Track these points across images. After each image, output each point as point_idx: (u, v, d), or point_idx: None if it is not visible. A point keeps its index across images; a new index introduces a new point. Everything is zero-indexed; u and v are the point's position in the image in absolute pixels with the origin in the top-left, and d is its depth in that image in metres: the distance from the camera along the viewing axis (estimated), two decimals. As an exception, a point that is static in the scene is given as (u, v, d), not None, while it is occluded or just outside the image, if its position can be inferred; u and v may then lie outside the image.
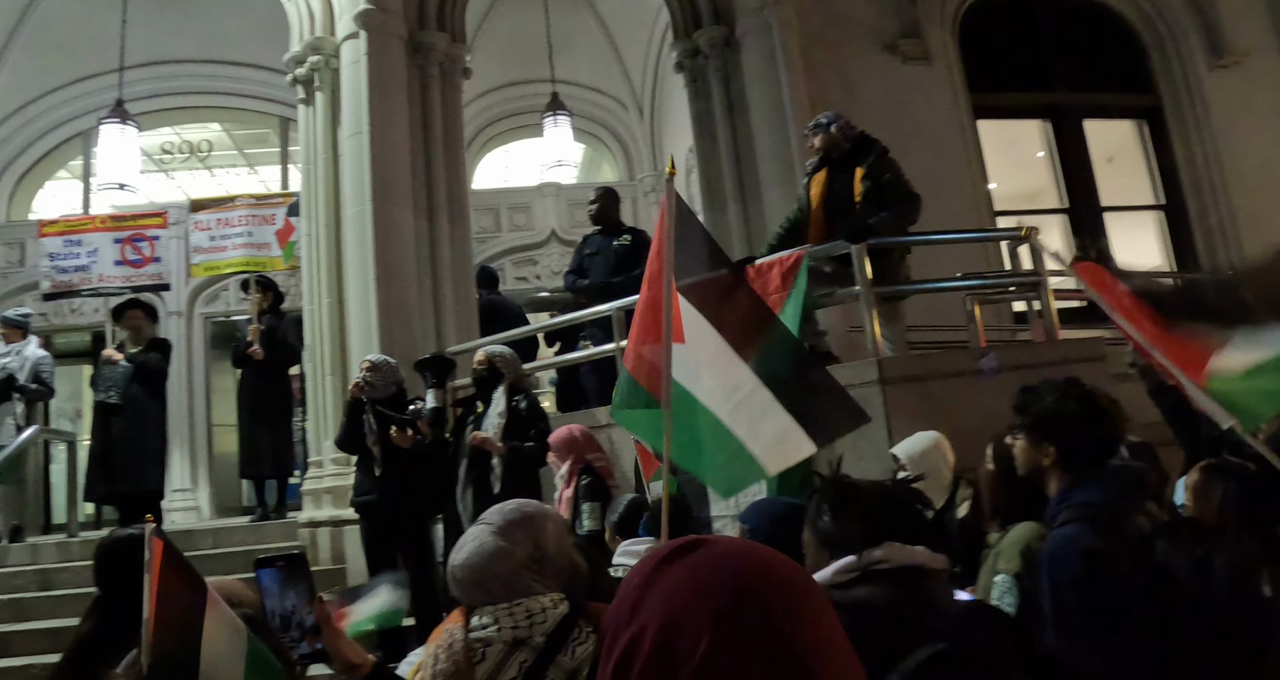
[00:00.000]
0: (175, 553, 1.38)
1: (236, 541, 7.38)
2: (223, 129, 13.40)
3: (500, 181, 13.23)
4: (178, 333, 11.24)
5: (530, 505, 2.07)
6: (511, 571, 1.89)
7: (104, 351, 7.78)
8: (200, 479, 11.57)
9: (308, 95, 7.99)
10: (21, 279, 11.92)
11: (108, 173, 9.69)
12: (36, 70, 11.96)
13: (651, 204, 12.79)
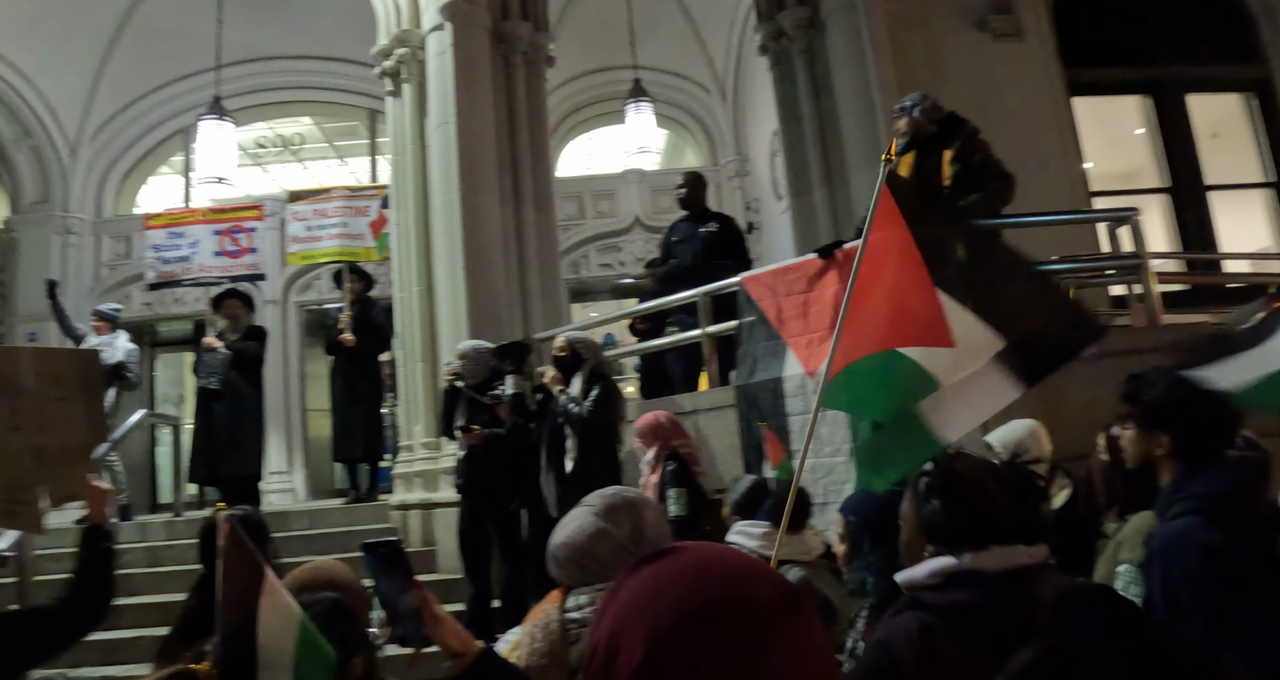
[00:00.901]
0: (238, 535, 1.42)
1: (330, 523, 7.60)
2: (314, 122, 13.74)
3: (584, 169, 13.29)
4: (273, 321, 11.59)
5: (632, 491, 2.07)
6: (610, 553, 1.90)
7: (204, 339, 8.07)
8: (296, 462, 11.92)
9: (395, 87, 8.13)
10: (128, 270, 12.46)
11: (206, 167, 10.02)
12: (138, 72, 12.45)
13: (736, 189, 12.71)
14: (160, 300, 11.84)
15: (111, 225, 12.90)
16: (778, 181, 10.69)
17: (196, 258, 8.66)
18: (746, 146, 12.74)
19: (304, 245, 8.63)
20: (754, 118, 12.14)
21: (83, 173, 12.90)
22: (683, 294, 6.49)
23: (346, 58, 11.95)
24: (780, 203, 10.48)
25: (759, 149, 12.09)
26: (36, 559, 6.03)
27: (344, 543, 6.83)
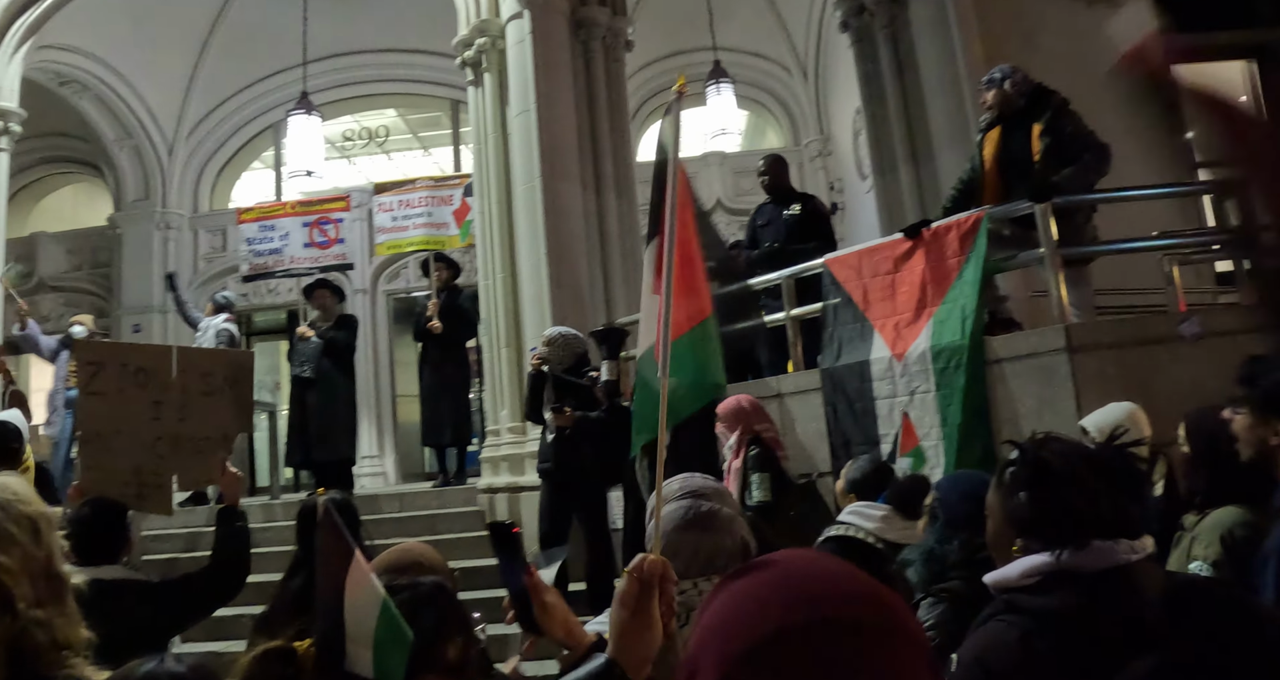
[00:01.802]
0: (331, 518, 1.48)
1: (420, 505, 7.77)
2: (398, 114, 13.98)
3: (664, 153, 13.25)
4: (363, 309, 11.86)
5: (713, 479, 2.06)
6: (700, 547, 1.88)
7: (297, 329, 8.32)
8: (387, 446, 12.21)
9: (476, 77, 8.21)
10: (224, 263, 12.92)
11: (296, 161, 10.30)
12: (229, 71, 12.85)
13: (818, 169, 12.53)
14: (255, 291, 12.23)
15: (208, 219, 13.38)
16: (861, 160, 10.49)
17: (287, 249, 8.92)
18: (829, 125, 12.53)
19: (390, 235, 8.81)
20: (836, 96, 11.93)
21: (180, 170, 13.38)
22: (766, 277, 6.42)
23: (428, 50, 12.13)
24: (864, 182, 10.29)
25: (842, 128, 11.89)
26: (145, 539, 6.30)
27: (433, 525, 6.98)
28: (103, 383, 3.45)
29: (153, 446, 3.35)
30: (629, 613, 1.37)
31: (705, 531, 1.91)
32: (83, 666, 1.75)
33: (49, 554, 1.83)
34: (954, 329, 4.73)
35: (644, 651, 1.36)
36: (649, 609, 1.38)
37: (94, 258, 13.47)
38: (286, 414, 9.04)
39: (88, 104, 12.66)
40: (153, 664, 1.45)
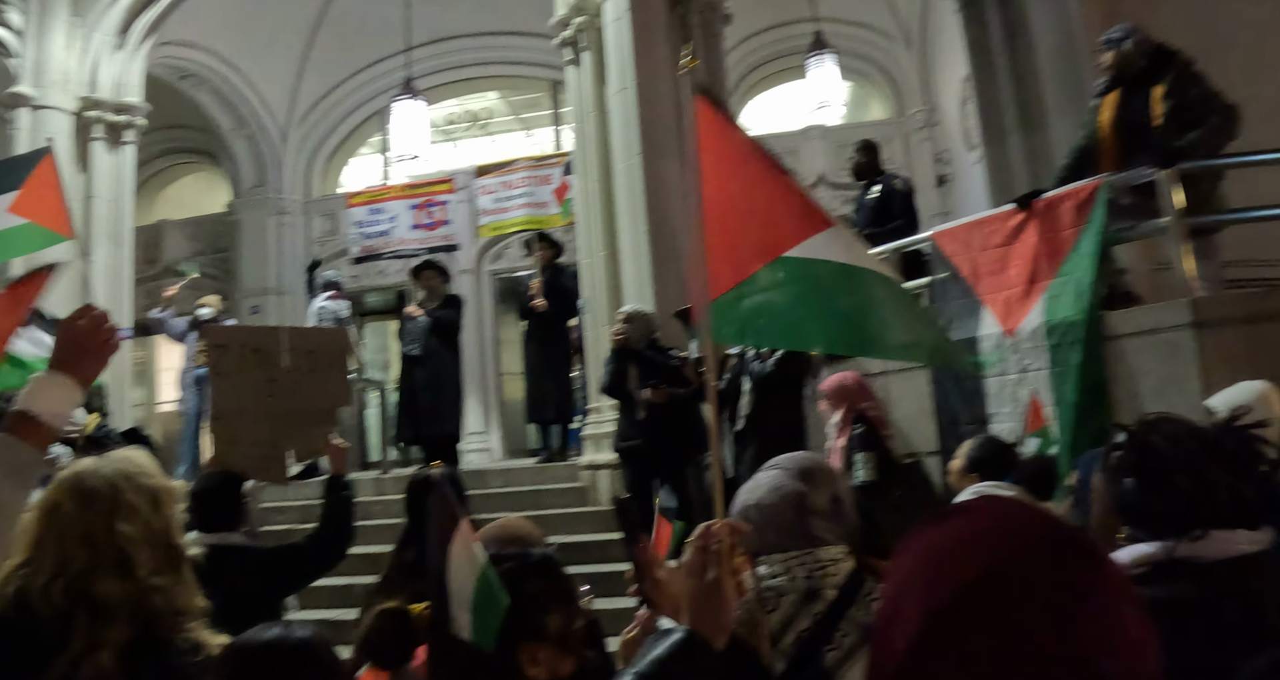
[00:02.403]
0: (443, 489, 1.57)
1: (524, 481, 7.90)
2: (499, 96, 14.16)
3: (765, 128, 13.06)
4: (468, 289, 12.07)
5: (820, 457, 2.02)
6: (806, 518, 1.86)
7: (406, 308, 8.56)
8: (492, 423, 12.45)
9: (574, 56, 8.23)
10: (335, 246, 13.32)
11: (402, 145, 10.52)
12: (336, 60, 13.21)
13: (924, 140, 12.17)
14: (365, 272, 12.58)
15: (319, 204, 13.82)
16: (969, 130, 10.15)
17: (395, 231, 9.17)
18: (935, 95, 12.15)
19: (493, 217, 8.96)
20: (942, 64, 11.56)
21: (292, 157, 13.85)
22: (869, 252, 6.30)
23: (527, 31, 12.20)
24: (972, 153, 9.96)
25: (948, 97, 11.52)
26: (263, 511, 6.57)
27: (536, 501, 7.09)
28: (227, 364, 3.67)
29: (271, 422, 3.56)
30: (699, 582, 1.37)
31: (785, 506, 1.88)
32: (199, 631, 1.85)
33: (167, 525, 1.93)
34: (1069, 304, 4.55)
35: (720, 618, 1.36)
36: (720, 576, 1.38)
37: (214, 243, 14.08)
38: (396, 391, 9.32)
39: (205, 96, 13.19)
40: (275, 631, 1.51)
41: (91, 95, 10.18)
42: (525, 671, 1.48)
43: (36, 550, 1.82)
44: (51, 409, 1.51)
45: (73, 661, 1.73)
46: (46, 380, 1.54)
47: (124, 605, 1.78)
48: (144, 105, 10.60)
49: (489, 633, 1.45)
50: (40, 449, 1.50)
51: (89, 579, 1.78)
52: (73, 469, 1.92)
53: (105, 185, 10.12)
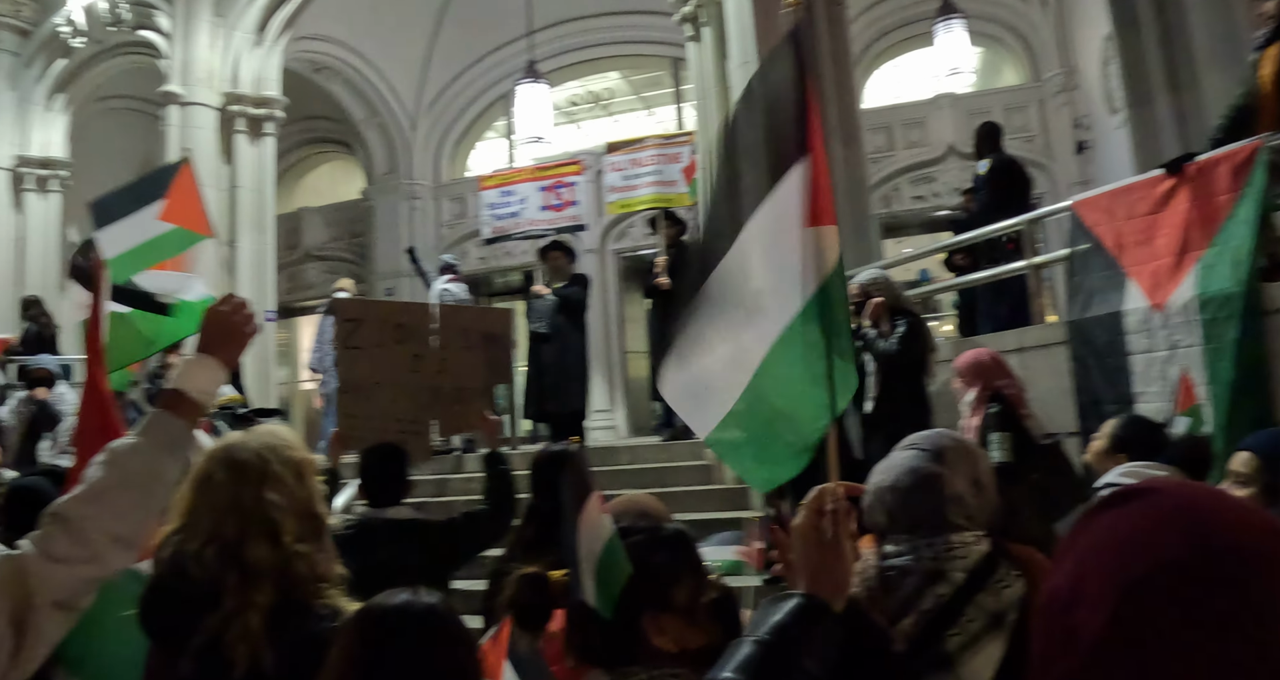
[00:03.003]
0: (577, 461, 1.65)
1: (649, 459, 7.95)
2: (621, 76, 14.20)
3: (891, 98, 12.70)
4: (593, 268, 12.20)
5: (960, 435, 1.96)
6: (941, 501, 1.80)
7: (533, 287, 8.71)
8: (617, 401, 12.59)
9: (695, 32, 8.17)
10: (464, 228, 13.70)
11: (526, 128, 10.69)
12: (462, 47, 13.51)
13: (1062, 105, 11.60)
14: (493, 253, 12.87)
15: (448, 188, 14.20)
16: (1111, 93, 9.62)
17: (525, 213, 9.33)
18: (1073, 57, 11.55)
19: (621, 194, 9.00)
20: (1081, 23, 10.97)
21: (421, 143, 14.26)
22: (1003, 223, 6.07)
23: (647, 9, 12.19)
24: (1115, 116, 9.44)
25: (1088, 58, 10.93)
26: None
27: (661, 478, 7.13)
28: (361, 338, 3.74)
29: (413, 396, 3.61)
30: (814, 546, 1.34)
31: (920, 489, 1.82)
32: (338, 598, 1.95)
33: (310, 495, 2.04)
34: (1224, 275, 4.26)
35: (839, 581, 1.33)
36: (836, 539, 1.35)
37: (350, 228, 14.65)
38: (524, 369, 9.50)
39: (339, 87, 13.70)
40: (404, 597, 1.56)
41: (234, 90, 10.70)
42: (652, 641, 1.50)
43: (190, 517, 1.94)
44: (200, 387, 1.64)
45: (224, 620, 1.85)
46: (195, 362, 1.67)
47: (271, 570, 1.89)
48: (282, 98, 11.08)
49: (609, 600, 1.49)
50: (190, 424, 1.61)
51: (240, 545, 1.90)
52: (222, 443, 2.05)
53: (248, 176, 10.64)
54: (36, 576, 1.36)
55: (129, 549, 1.48)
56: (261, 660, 1.81)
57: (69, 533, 1.40)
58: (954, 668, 1.66)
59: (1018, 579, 1.72)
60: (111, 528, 1.43)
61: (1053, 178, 11.38)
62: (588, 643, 1.58)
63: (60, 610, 1.38)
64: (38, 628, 1.35)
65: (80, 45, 11.61)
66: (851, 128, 7.85)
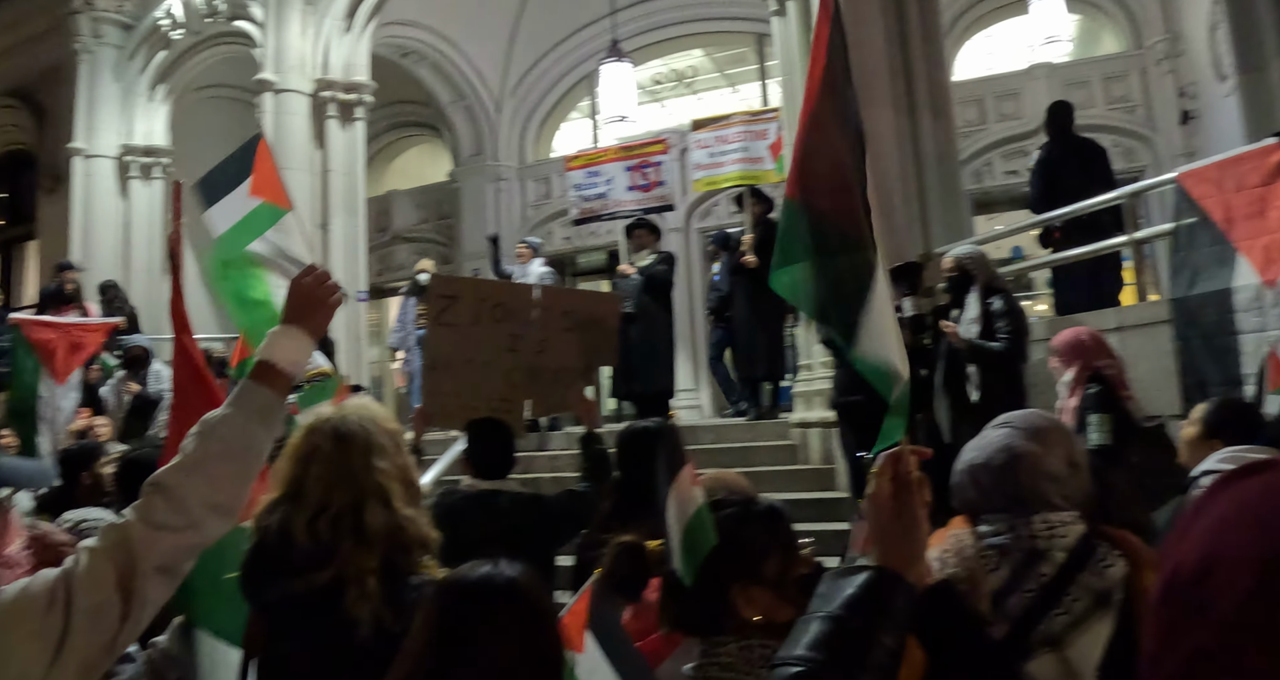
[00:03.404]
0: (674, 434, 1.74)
1: (733, 438, 7.93)
2: (704, 54, 14.09)
3: (983, 69, 12.33)
4: (677, 247, 12.14)
5: (1054, 416, 1.90)
6: (1037, 479, 1.76)
7: (619, 267, 8.74)
8: (701, 380, 12.56)
9: (779, 6, 8.03)
10: (549, 209, 13.82)
11: (610, 108, 10.69)
12: (545, 27, 13.57)
13: (1166, 74, 11.09)
14: (578, 234, 12.94)
15: (533, 170, 14.31)
16: (1220, 59, 9.16)
17: (612, 193, 9.34)
18: (1178, 22, 11.02)
19: (707, 172, 8.94)
20: (1188, -14, 10.47)
21: (507, 125, 14.39)
22: (1098, 198, 5.86)
23: (731, -16, 12.07)
24: (1224, 84, 9.00)
25: (1194, 23, 10.42)
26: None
27: (745, 458, 7.11)
28: (455, 315, 3.72)
29: (507, 375, 3.59)
30: (889, 514, 1.30)
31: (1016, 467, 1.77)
32: (434, 567, 2.03)
33: (407, 463, 2.13)
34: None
35: (912, 550, 1.29)
36: (911, 507, 1.31)
37: (438, 210, 14.90)
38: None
39: (425, 71, 13.88)
40: (486, 568, 1.58)
41: (324, 77, 10.96)
42: (741, 611, 1.52)
43: (294, 488, 2.03)
44: (288, 357, 1.66)
45: (337, 585, 1.92)
46: (281, 333, 1.69)
47: (384, 535, 1.97)
48: (371, 83, 11.30)
49: (691, 568, 1.53)
50: (280, 395, 1.63)
51: (357, 511, 1.98)
52: (319, 416, 2.13)
53: (339, 160, 10.89)
54: (139, 543, 1.41)
55: (226, 516, 1.52)
56: (384, 620, 1.87)
57: (168, 501, 1.45)
58: (1061, 648, 1.63)
59: (1119, 558, 1.68)
60: (208, 496, 1.48)
61: (1155, 150, 10.92)
62: (680, 611, 1.60)
63: (162, 575, 1.43)
64: (142, 592, 1.40)
65: (179, 37, 12.01)
66: (942, 101, 7.63)
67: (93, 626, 1.35)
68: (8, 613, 1.33)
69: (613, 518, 3.07)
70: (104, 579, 1.38)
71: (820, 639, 1.10)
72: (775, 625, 1.50)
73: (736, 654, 1.52)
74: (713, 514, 1.58)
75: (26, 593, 1.36)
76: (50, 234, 13.24)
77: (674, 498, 1.59)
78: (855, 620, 1.12)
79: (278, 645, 2.06)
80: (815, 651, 1.08)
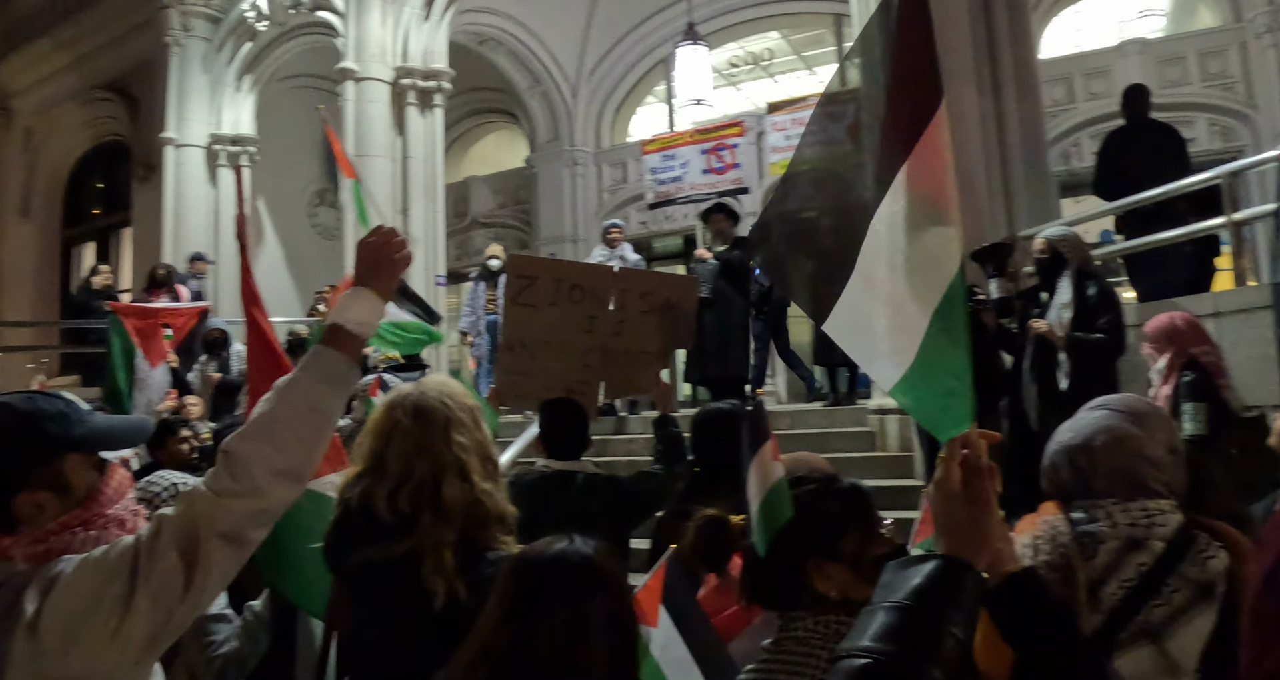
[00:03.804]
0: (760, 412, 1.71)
1: (810, 424, 7.87)
2: (781, 36, 13.91)
3: (1071, 46, 11.93)
4: (754, 232, 12.09)
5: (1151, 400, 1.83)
6: (1139, 464, 1.70)
7: (696, 251, 8.70)
8: (777, 366, 12.44)
9: (860, -15, 7.88)
10: (624, 194, 13.83)
11: (686, 91, 10.63)
12: (621, 13, 13.58)
13: (1268, 47, 10.58)
14: (653, 218, 12.94)
15: (609, 154, 14.35)
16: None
17: (687, 177, 9.33)
18: (1283, -8, 10.51)
19: (784, 155, 8.88)
20: (1292, -45, 9.97)
21: (583, 110, 14.45)
22: (1190, 179, 5.64)
23: (809, -35, 11.89)
24: (1331, 58, 8.56)
25: (1302, -7, 9.93)
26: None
27: (823, 444, 7.03)
28: (533, 295, 3.71)
29: (583, 357, 3.58)
30: (956, 501, 1.25)
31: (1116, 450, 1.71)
32: (509, 542, 2.05)
33: (485, 438, 2.16)
34: None
35: (983, 538, 1.24)
36: (982, 494, 1.25)
37: (515, 196, 15.05)
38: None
39: (502, 58, 14.00)
40: (562, 544, 1.60)
41: (404, 65, 11.12)
42: (816, 586, 1.52)
43: (375, 462, 2.07)
44: (358, 318, 1.66)
45: (416, 556, 1.96)
46: (351, 295, 1.69)
47: (462, 509, 2.00)
48: (449, 71, 11.43)
49: (763, 540, 1.54)
50: (351, 357, 1.63)
51: (436, 485, 2.01)
52: (399, 392, 2.17)
53: (419, 146, 11.06)
54: (202, 510, 1.43)
55: (292, 481, 1.52)
56: (458, 593, 1.91)
57: (231, 467, 1.46)
58: (1160, 640, 1.57)
59: (1220, 550, 1.61)
60: (273, 461, 1.48)
61: (1255, 128, 10.43)
62: (757, 584, 1.60)
63: (227, 542, 1.44)
64: (206, 559, 1.41)
65: (264, 28, 12.31)
66: (1028, 80, 7.40)
67: (158, 592, 1.38)
68: (85, 574, 1.38)
69: (687, 499, 3.06)
70: (170, 545, 1.40)
71: (888, 630, 1.07)
72: (852, 603, 1.48)
73: (811, 629, 1.51)
74: (792, 489, 1.57)
75: (105, 557, 1.40)
76: (143, 221, 13.73)
77: (755, 471, 1.60)
78: (923, 611, 1.09)
79: (356, 614, 2.12)
80: (883, 642, 1.05)
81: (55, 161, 16.43)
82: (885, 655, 1.03)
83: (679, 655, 2.06)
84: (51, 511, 1.44)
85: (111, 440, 1.61)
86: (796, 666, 1.48)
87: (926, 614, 1.08)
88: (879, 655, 1.03)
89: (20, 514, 1.43)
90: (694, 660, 2.04)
